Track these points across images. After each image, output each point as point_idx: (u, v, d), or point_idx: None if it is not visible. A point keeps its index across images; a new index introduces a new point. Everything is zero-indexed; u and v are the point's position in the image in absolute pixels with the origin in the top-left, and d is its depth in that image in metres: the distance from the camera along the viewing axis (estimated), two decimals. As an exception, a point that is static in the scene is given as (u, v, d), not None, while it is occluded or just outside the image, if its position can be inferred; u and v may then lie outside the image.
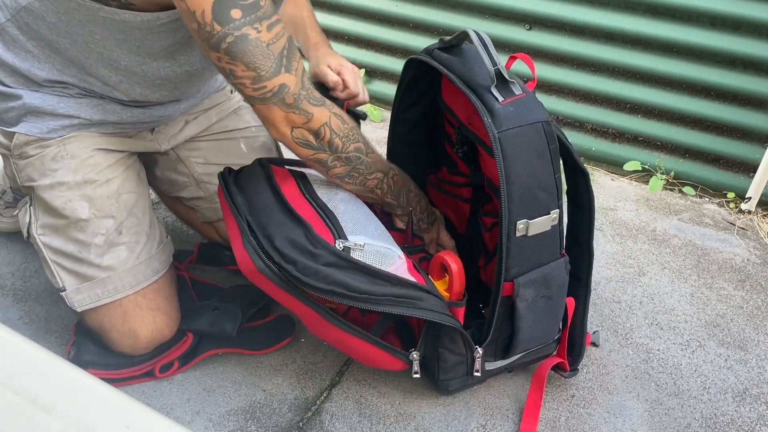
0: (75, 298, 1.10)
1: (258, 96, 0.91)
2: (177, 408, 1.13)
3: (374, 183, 1.08)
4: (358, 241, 0.97)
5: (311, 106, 0.94)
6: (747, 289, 1.48)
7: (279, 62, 0.89)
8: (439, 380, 1.10)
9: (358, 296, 0.93)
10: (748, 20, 1.66)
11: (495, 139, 0.92)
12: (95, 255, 1.09)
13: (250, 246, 0.94)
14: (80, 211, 1.09)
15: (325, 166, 1.03)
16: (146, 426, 0.43)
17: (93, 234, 1.09)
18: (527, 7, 1.90)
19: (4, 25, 1.02)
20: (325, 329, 1.01)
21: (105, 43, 1.01)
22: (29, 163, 1.10)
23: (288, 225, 0.96)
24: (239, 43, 0.85)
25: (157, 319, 1.13)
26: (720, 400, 1.20)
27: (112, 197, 1.12)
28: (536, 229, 0.97)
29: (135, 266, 1.12)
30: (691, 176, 1.87)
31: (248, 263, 0.94)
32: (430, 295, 0.98)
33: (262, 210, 0.99)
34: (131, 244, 1.12)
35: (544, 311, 1.06)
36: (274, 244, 0.94)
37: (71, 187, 1.10)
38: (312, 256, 0.93)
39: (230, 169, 1.09)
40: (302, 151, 0.99)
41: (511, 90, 0.96)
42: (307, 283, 0.91)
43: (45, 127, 1.09)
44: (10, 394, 0.43)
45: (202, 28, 0.84)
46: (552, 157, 0.96)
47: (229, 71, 0.89)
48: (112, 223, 1.11)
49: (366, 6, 2.18)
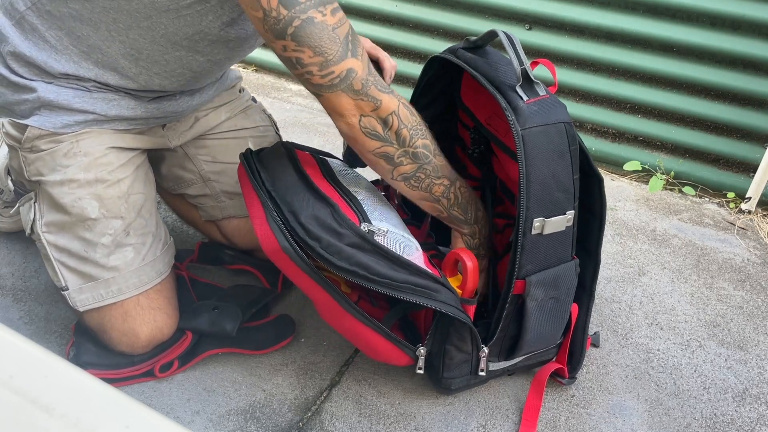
0: (77, 298, 1.10)
1: (326, 83, 0.89)
2: (177, 408, 1.13)
3: (441, 190, 1.03)
4: (381, 227, 0.97)
5: (379, 93, 0.92)
6: (747, 289, 1.48)
7: (345, 46, 0.87)
8: (443, 378, 1.10)
9: (379, 280, 0.92)
10: (748, 20, 1.66)
11: (518, 136, 0.93)
12: (101, 255, 1.09)
13: (274, 223, 0.93)
14: (89, 210, 1.08)
15: (392, 163, 0.98)
16: (146, 426, 0.43)
17: (100, 234, 1.09)
18: (527, 7, 1.90)
19: (24, 13, 1.01)
20: (338, 316, 1.01)
21: (129, 32, 1.00)
22: (39, 158, 1.09)
23: (313, 203, 0.95)
24: (306, 27, 0.84)
25: (158, 318, 1.13)
26: (720, 400, 1.20)
27: (122, 198, 1.11)
28: (552, 228, 0.98)
29: (140, 268, 1.11)
30: (691, 176, 1.87)
31: (271, 241, 0.93)
32: (446, 289, 0.98)
33: (286, 188, 0.98)
34: (138, 246, 1.12)
35: (552, 313, 1.06)
36: (299, 220, 0.93)
37: (82, 185, 1.09)
38: (337, 235, 0.92)
39: (251, 150, 1.08)
40: (369, 143, 0.95)
41: (535, 90, 0.97)
42: (330, 261, 0.91)
43: (59, 121, 1.07)
44: (9, 394, 0.43)
45: (268, 15, 0.83)
46: (572, 158, 0.97)
47: (295, 60, 0.87)
48: (120, 224, 1.10)
49: (366, 6, 2.18)
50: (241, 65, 2.52)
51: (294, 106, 2.28)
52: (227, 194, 1.34)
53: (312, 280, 0.95)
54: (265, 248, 0.95)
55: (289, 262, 0.93)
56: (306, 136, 2.05)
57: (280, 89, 2.39)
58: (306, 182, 0.99)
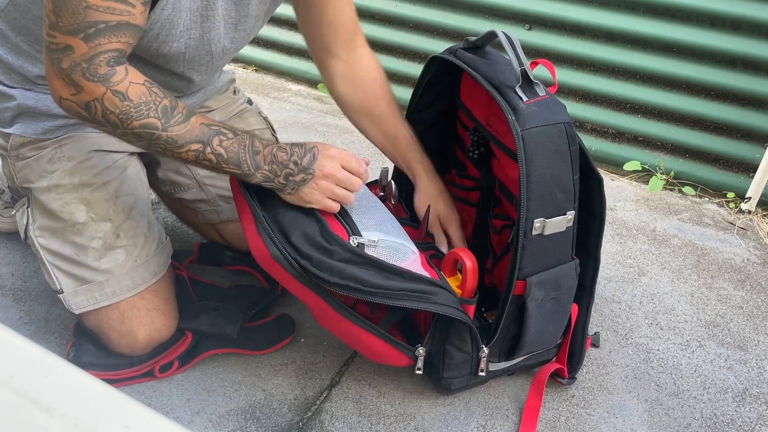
0: (72, 301, 1.10)
1: (47, 43, 0.87)
2: (177, 408, 1.13)
3: (192, 155, 0.95)
4: (371, 237, 0.98)
5: (84, 80, 0.87)
6: (747, 289, 1.48)
7: (83, 26, 0.84)
8: (443, 378, 1.09)
9: (374, 291, 0.93)
10: (747, 20, 1.66)
11: (518, 136, 0.93)
12: (92, 258, 1.09)
13: (265, 234, 0.94)
14: (77, 215, 1.09)
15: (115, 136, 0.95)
16: (146, 426, 0.43)
17: (90, 237, 1.09)
18: (527, 7, 1.90)
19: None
20: (335, 321, 1.01)
21: None
22: (26, 165, 1.10)
23: (303, 221, 0.97)
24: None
25: (155, 319, 1.13)
26: (720, 400, 1.20)
27: (110, 200, 1.11)
28: (552, 228, 0.98)
29: (133, 269, 1.11)
30: (691, 176, 1.87)
31: (263, 250, 0.94)
32: (444, 290, 0.98)
33: (276, 205, 0.99)
34: (129, 247, 1.12)
35: (552, 313, 1.06)
36: (290, 240, 0.95)
37: (68, 190, 1.09)
38: (327, 252, 0.93)
39: None
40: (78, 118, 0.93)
41: (535, 91, 0.97)
42: (323, 278, 0.92)
43: (40, 128, 1.08)
44: (9, 394, 0.43)
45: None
46: (572, 159, 0.97)
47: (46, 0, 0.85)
48: (109, 227, 1.10)
49: (366, 6, 2.18)
50: (241, 65, 2.52)
51: (294, 106, 2.28)
52: (223, 198, 1.34)
53: (304, 287, 0.96)
54: (256, 257, 0.96)
55: (281, 270, 0.94)
56: (306, 136, 2.05)
57: (280, 89, 2.39)
58: None
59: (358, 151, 1.99)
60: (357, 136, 2.09)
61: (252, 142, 0.97)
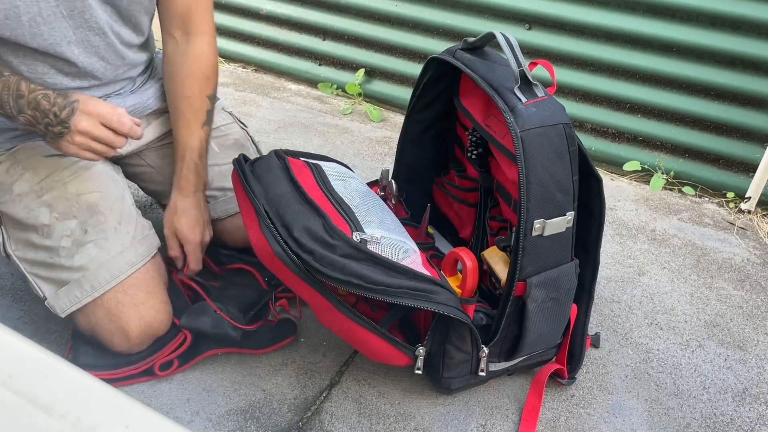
0: (56, 305, 1.11)
1: None
2: (176, 408, 1.13)
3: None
4: (374, 234, 0.97)
5: None
6: (746, 289, 1.48)
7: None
8: (443, 378, 1.10)
9: (375, 288, 0.93)
10: (747, 20, 1.66)
11: (517, 137, 0.93)
12: (66, 257, 1.10)
13: (267, 230, 0.94)
14: (42, 217, 1.10)
15: None
16: (145, 426, 0.43)
17: (59, 237, 1.10)
18: (527, 7, 1.90)
19: None
20: (335, 318, 1.01)
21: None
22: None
23: (306, 215, 0.96)
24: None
25: (143, 314, 1.12)
26: (720, 399, 1.20)
27: (71, 199, 1.12)
28: (552, 229, 0.98)
29: (108, 261, 1.11)
30: (690, 176, 1.87)
31: (265, 247, 0.94)
32: (444, 290, 0.98)
33: (278, 199, 0.99)
34: (99, 241, 1.11)
35: (552, 314, 1.06)
36: (292, 234, 0.94)
37: (30, 196, 1.11)
38: (329, 247, 0.93)
39: (245, 156, 1.09)
40: None
41: (534, 92, 0.97)
42: (324, 273, 0.91)
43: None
44: (9, 394, 0.43)
45: None
46: (571, 160, 0.97)
47: None
48: (75, 223, 1.11)
49: (366, 6, 2.18)
50: (241, 65, 2.52)
51: (294, 105, 2.28)
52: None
53: (306, 284, 0.95)
54: (258, 254, 0.96)
55: (283, 267, 0.94)
56: (305, 136, 2.05)
57: (280, 89, 2.39)
58: (299, 193, 1.00)
59: (359, 150, 1.99)
60: (357, 135, 2.10)
61: (18, 85, 0.97)
